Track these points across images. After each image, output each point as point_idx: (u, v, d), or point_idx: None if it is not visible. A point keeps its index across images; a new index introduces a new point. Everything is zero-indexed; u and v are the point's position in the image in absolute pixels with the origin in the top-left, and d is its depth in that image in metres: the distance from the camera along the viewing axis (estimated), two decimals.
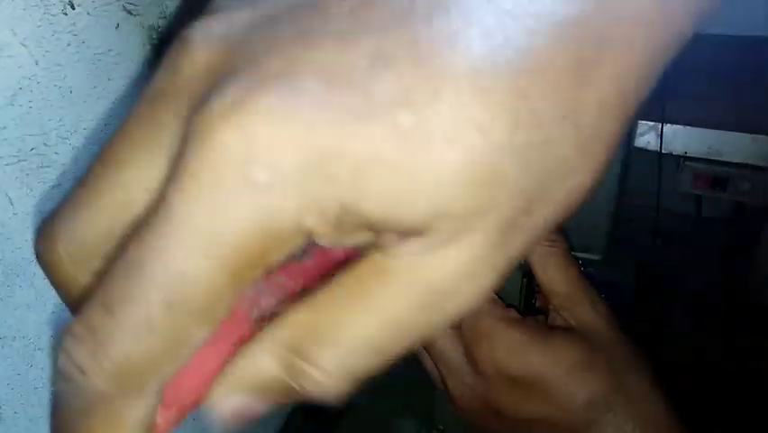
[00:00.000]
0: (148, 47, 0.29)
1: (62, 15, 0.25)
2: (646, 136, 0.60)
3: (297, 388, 0.12)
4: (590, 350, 0.25)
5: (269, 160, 0.10)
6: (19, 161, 0.24)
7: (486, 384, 0.25)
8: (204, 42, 0.11)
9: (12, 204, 0.24)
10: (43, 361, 0.27)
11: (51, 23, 0.25)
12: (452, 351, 0.27)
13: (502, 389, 0.25)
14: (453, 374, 0.27)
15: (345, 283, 0.12)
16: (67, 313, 0.27)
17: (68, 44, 0.26)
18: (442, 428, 0.41)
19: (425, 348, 0.28)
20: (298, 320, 0.12)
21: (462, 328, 0.26)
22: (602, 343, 0.26)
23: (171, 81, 0.12)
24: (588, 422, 0.24)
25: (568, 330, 0.26)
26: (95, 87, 0.27)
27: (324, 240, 0.11)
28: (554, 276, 0.27)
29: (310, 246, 0.12)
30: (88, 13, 0.26)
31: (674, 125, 0.59)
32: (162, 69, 0.12)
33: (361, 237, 0.12)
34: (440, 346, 0.27)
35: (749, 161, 0.55)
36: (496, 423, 0.26)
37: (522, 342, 0.25)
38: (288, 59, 0.10)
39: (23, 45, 0.24)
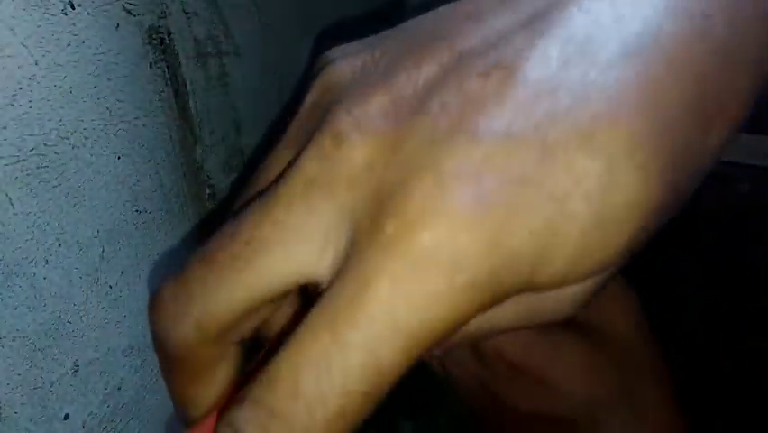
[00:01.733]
0: (148, 47, 0.29)
1: (62, 15, 0.25)
2: None
3: None
4: (593, 350, 0.25)
5: (468, 264, 0.11)
6: (19, 160, 0.24)
7: (491, 375, 0.25)
8: (360, 139, 0.12)
9: (12, 204, 0.24)
10: (43, 361, 0.27)
11: (51, 23, 0.25)
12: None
13: (506, 380, 0.25)
14: (461, 365, 0.27)
15: None
16: (68, 316, 0.27)
17: (68, 44, 0.26)
18: (442, 428, 0.41)
19: None
20: None
21: None
22: (609, 344, 0.25)
23: (327, 172, 0.12)
24: (592, 421, 0.24)
25: (572, 328, 0.26)
26: (95, 87, 0.27)
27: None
28: None
29: None
30: (88, 13, 0.26)
31: None
32: (312, 156, 0.13)
33: None
34: None
35: (749, 161, 0.55)
36: (500, 417, 0.26)
37: (524, 331, 0.25)
38: (461, 158, 0.11)
39: (23, 45, 0.24)
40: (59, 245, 0.27)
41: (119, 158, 0.29)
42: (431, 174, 0.11)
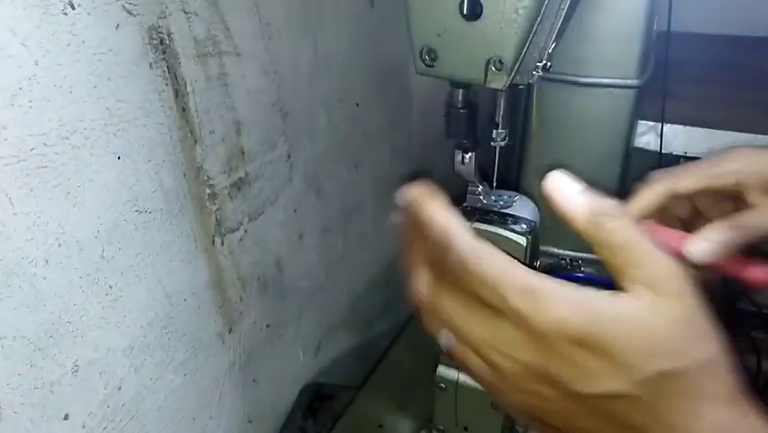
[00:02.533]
0: (148, 47, 0.29)
1: (62, 15, 0.25)
2: (646, 136, 0.60)
3: None
4: (652, 320, 0.24)
5: None
6: (19, 161, 0.24)
7: (547, 355, 0.24)
8: None
9: (12, 204, 0.24)
10: (43, 361, 0.27)
11: (51, 23, 0.25)
12: (503, 330, 0.26)
13: (565, 356, 0.24)
14: (507, 356, 0.26)
15: None
16: (68, 316, 0.27)
17: (68, 44, 0.26)
18: (442, 428, 0.41)
19: (462, 341, 0.27)
20: None
21: (512, 303, 0.25)
22: (667, 316, 0.24)
23: None
24: (659, 394, 0.23)
25: (626, 297, 0.25)
26: (95, 87, 0.27)
27: None
28: (617, 254, 0.25)
29: None
30: (88, 14, 0.26)
31: (674, 125, 0.59)
32: None
33: None
34: (487, 329, 0.26)
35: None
36: (555, 405, 0.25)
37: (584, 297, 0.24)
38: None
39: (23, 45, 0.24)
40: (59, 245, 0.27)
41: (119, 158, 0.29)
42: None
